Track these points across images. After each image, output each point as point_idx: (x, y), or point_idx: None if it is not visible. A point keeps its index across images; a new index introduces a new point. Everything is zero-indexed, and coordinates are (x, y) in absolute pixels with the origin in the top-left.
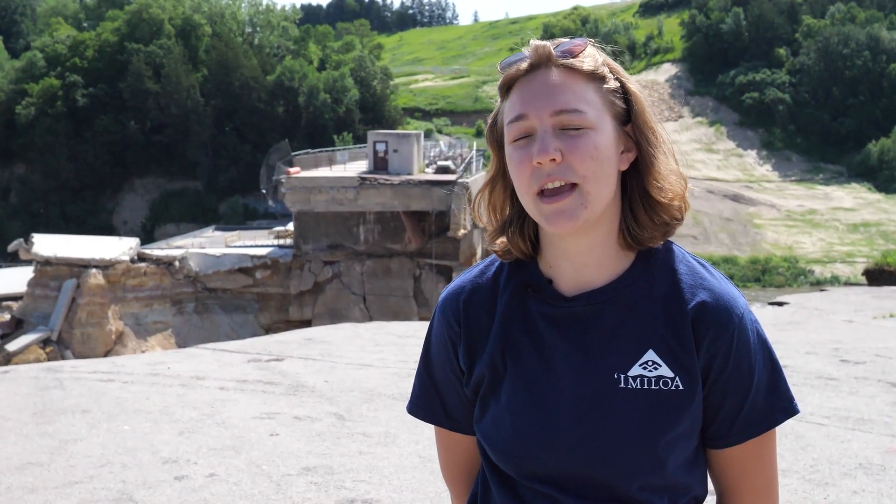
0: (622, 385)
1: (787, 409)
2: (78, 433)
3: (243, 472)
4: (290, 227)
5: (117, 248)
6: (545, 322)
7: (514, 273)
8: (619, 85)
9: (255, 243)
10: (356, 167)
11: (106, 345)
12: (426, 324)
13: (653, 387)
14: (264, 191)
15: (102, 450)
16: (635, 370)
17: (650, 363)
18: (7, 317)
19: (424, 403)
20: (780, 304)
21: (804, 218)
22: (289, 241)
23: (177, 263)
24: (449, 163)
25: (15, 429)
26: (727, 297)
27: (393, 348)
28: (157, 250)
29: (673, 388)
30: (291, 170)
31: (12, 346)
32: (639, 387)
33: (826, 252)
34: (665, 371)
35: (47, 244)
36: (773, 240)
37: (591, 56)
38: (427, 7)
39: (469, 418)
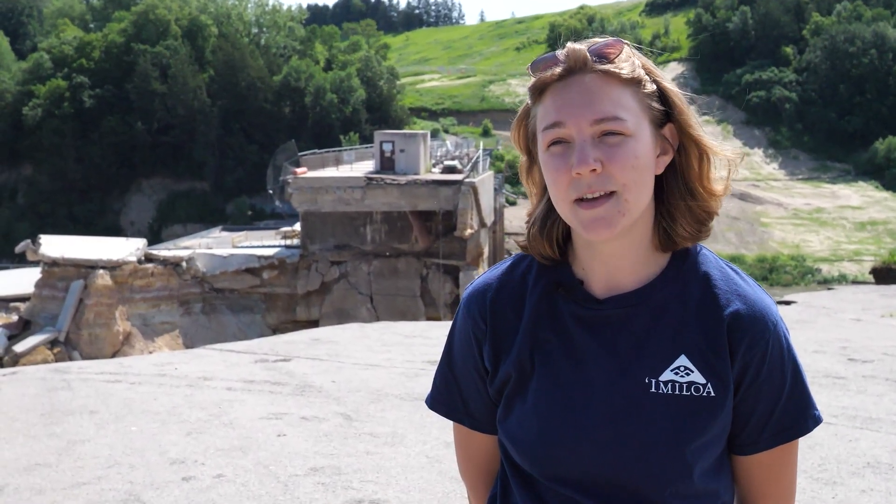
0: (653, 390)
1: (815, 416)
2: (85, 434)
3: (251, 472)
4: (297, 227)
5: (124, 248)
6: (576, 323)
7: (543, 273)
8: (655, 87)
9: (262, 244)
10: (363, 167)
11: (113, 346)
12: (433, 324)
13: (684, 392)
14: (271, 191)
15: (110, 450)
16: (667, 375)
17: (682, 368)
18: (15, 318)
19: (445, 399)
20: (788, 302)
21: (811, 216)
22: (296, 241)
23: (184, 264)
24: (455, 162)
25: (23, 430)
26: (762, 305)
27: (400, 348)
28: (164, 251)
29: (704, 394)
30: (298, 170)
31: (20, 347)
32: (670, 392)
33: (833, 250)
34: (697, 377)
35: (54, 245)
36: (781, 238)
37: (628, 60)
38: (433, 7)
39: (490, 417)
